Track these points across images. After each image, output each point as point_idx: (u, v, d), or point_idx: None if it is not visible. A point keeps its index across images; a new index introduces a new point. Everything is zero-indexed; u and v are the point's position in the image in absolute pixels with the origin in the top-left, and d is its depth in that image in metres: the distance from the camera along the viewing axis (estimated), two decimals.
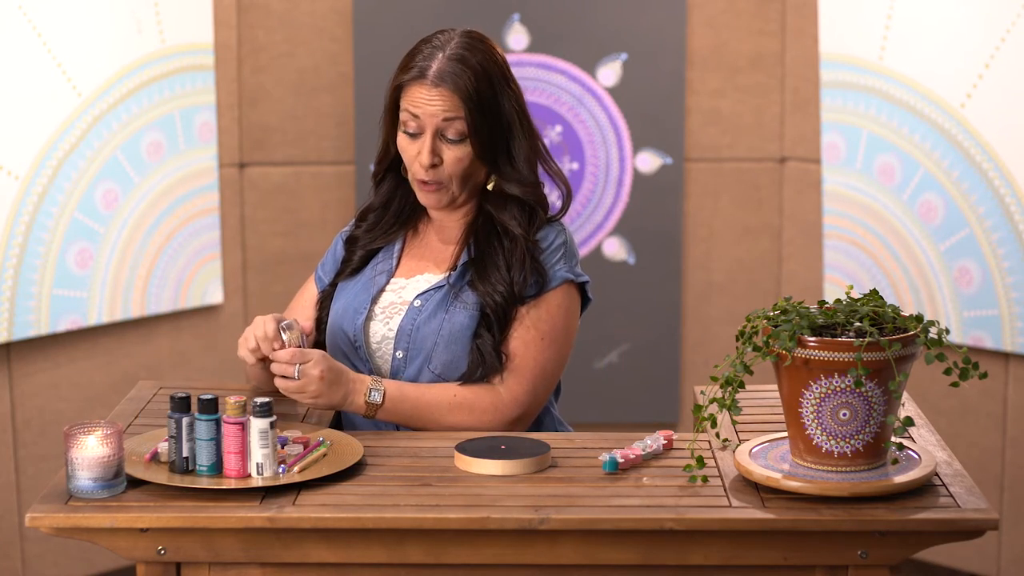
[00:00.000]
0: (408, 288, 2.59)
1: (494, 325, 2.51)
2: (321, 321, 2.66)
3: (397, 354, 2.56)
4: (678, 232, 4.34)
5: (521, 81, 4.22)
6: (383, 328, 2.57)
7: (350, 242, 2.68)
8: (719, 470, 2.28)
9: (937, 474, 2.25)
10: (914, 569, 4.02)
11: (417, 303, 2.56)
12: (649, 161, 4.32)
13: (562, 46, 4.26)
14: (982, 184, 3.80)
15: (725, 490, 2.21)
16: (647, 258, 4.35)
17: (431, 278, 2.59)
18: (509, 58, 2.60)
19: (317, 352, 2.43)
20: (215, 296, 4.23)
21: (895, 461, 2.22)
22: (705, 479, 2.24)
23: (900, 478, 2.16)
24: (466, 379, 2.52)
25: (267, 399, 2.21)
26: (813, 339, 2.12)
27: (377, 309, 2.59)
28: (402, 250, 2.65)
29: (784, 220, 4.34)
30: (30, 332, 3.82)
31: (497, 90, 2.52)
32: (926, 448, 2.32)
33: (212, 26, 4.12)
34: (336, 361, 2.46)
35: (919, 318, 2.17)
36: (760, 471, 2.19)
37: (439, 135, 2.50)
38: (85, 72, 3.84)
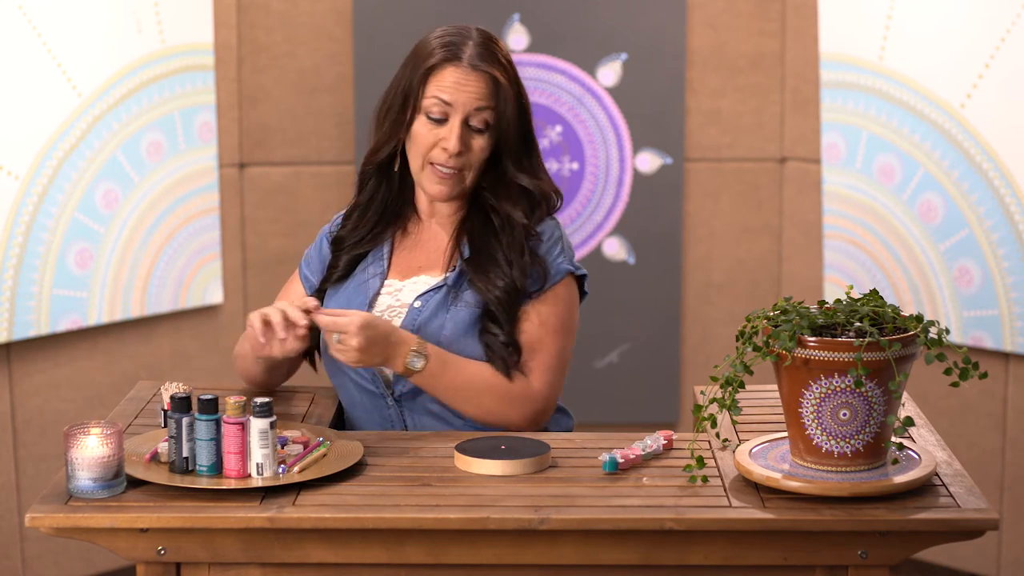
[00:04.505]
0: (405, 290, 2.58)
1: (500, 319, 2.51)
2: (311, 327, 2.63)
3: None
4: (678, 232, 4.34)
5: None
6: None
7: (336, 243, 2.66)
8: (719, 470, 2.28)
9: (937, 474, 2.25)
10: (914, 569, 4.02)
11: (417, 304, 2.55)
12: (649, 161, 4.32)
13: (562, 46, 4.26)
14: (982, 184, 3.80)
15: (725, 490, 2.21)
16: (647, 258, 4.35)
17: (429, 279, 2.58)
18: None
19: (356, 322, 2.40)
20: (215, 296, 4.23)
21: (895, 461, 2.22)
22: (705, 479, 2.24)
23: (900, 478, 2.16)
24: None
25: (267, 399, 2.21)
26: (813, 339, 2.12)
27: (375, 313, 2.57)
28: (391, 252, 2.63)
29: (784, 220, 4.34)
30: (30, 332, 3.82)
31: (520, 85, 2.56)
32: (926, 448, 2.32)
33: (212, 26, 4.12)
34: (380, 325, 2.43)
35: (919, 318, 2.17)
36: (760, 471, 2.19)
37: (464, 123, 2.50)
38: (85, 72, 3.84)
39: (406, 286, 2.59)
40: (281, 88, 4.27)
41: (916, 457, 2.25)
